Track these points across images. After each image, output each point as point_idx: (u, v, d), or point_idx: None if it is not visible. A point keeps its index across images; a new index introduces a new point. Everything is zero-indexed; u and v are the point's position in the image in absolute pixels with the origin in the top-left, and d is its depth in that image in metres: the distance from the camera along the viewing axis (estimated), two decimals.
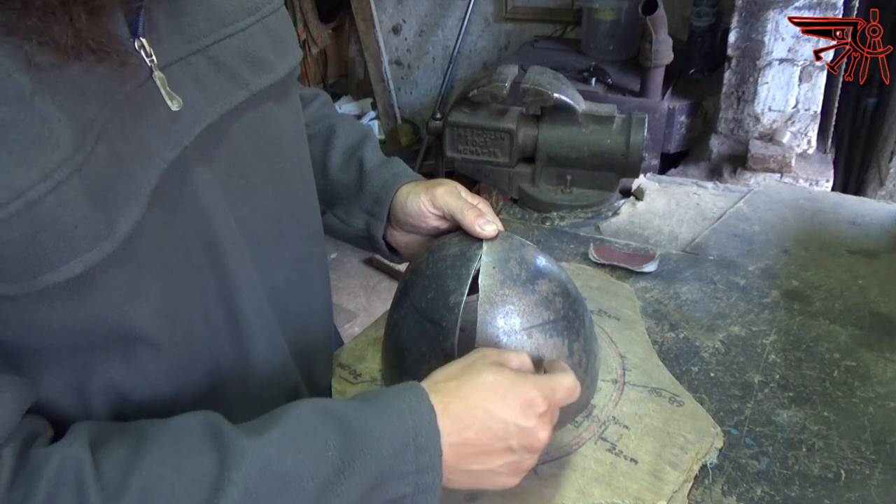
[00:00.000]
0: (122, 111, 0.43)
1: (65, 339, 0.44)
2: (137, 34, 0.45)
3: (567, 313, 0.59)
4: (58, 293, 0.40)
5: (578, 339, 0.60)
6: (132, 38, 0.44)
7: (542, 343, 0.57)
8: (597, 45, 2.16)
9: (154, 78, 0.45)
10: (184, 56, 0.48)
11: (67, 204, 0.39)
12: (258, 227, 0.57)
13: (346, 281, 2.63)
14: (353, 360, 0.72)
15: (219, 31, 0.51)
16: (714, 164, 1.82)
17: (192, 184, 0.49)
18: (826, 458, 0.60)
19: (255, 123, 0.55)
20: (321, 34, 2.80)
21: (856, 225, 0.93)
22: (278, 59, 0.57)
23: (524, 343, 0.57)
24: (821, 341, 0.73)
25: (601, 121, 0.96)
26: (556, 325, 0.58)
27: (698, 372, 0.70)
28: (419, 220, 0.69)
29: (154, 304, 0.46)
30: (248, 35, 0.54)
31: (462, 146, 1.03)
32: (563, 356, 0.58)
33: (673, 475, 0.57)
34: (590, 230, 0.96)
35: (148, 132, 0.45)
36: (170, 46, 0.47)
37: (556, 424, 0.52)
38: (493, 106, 1.01)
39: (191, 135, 0.48)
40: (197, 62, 0.49)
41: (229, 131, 0.53)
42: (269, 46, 0.56)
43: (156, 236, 0.46)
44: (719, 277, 0.84)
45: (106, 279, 0.42)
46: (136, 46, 0.44)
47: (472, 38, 2.75)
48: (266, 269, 0.58)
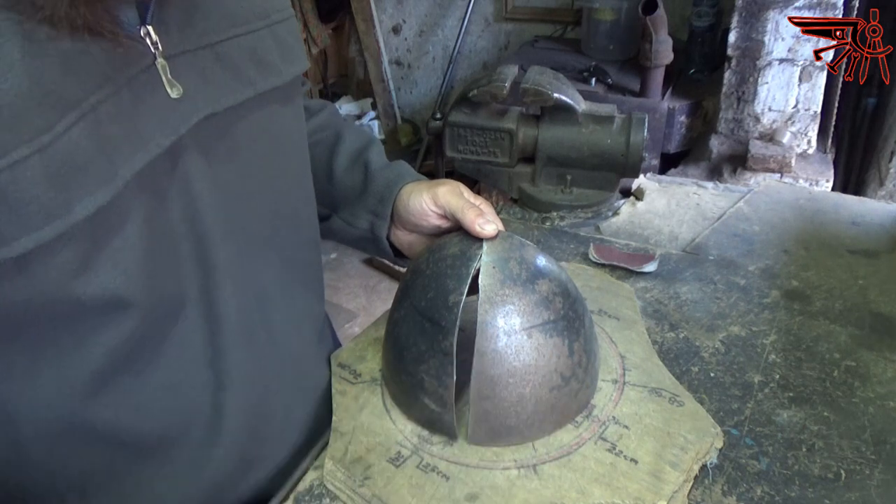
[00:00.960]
0: (121, 94, 0.44)
1: (13, 316, 0.43)
2: (146, 22, 0.46)
3: (567, 313, 0.59)
4: (7, 270, 0.41)
5: (578, 339, 0.60)
6: (139, 26, 0.45)
7: (542, 343, 0.57)
8: (597, 45, 2.16)
9: (157, 65, 0.46)
10: (191, 49, 0.49)
11: (21, 182, 0.39)
12: (249, 224, 0.57)
13: (346, 281, 2.63)
14: (354, 360, 0.72)
15: (228, 30, 0.52)
16: (714, 164, 1.82)
17: (186, 173, 0.50)
18: (826, 458, 0.60)
19: (260, 124, 0.56)
20: (321, 34, 2.80)
21: (856, 225, 0.93)
22: (284, 64, 0.58)
23: (524, 343, 0.57)
24: (821, 341, 0.73)
25: (601, 121, 0.96)
26: (556, 325, 0.58)
27: (698, 372, 0.70)
28: (421, 219, 0.69)
29: (128, 288, 0.46)
30: (256, 37, 0.55)
31: (462, 146, 1.03)
32: (563, 356, 0.58)
33: (673, 475, 0.57)
34: (590, 230, 0.96)
35: (144, 117, 0.46)
36: (178, 38, 0.48)
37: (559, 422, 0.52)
38: (493, 106, 1.01)
39: (188, 123, 0.48)
40: (204, 56, 0.50)
41: (233, 128, 0.53)
42: (276, 51, 0.57)
43: (140, 221, 0.46)
44: (719, 277, 0.84)
45: (59, 258, 0.42)
46: (143, 34, 0.45)
47: (472, 38, 2.75)
48: (253, 268, 0.58)
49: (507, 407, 0.58)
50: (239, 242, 0.56)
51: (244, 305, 0.57)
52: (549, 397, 0.59)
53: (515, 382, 0.58)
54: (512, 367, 0.57)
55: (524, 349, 0.57)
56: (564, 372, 0.59)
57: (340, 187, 0.75)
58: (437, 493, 0.57)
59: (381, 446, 0.61)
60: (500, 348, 0.57)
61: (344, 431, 0.63)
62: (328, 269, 2.70)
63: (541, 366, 0.58)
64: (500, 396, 0.58)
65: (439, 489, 0.57)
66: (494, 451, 0.60)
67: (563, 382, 0.59)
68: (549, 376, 0.58)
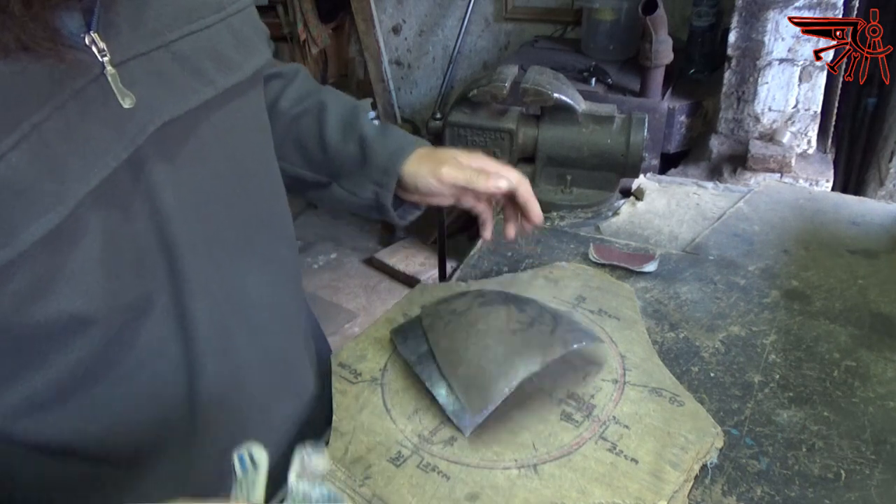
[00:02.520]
0: (67, 109, 0.42)
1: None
2: (90, 29, 0.43)
3: (503, 296, 0.70)
4: None
5: (529, 304, 0.68)
6: (84, 34, 0.42)
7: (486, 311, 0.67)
8: (597, 45, 2.16)
9: (105, 74, 0.44)
10: (145, 51, 0.47)
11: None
12: (224, 228, 0.55)
13: (346, 281, 2.63)
14: (354, 359, 0.72)
15: (183, 27, 0.50)
16: (714, 164, 1.82)
17: (149, 183, 0.48)
18: (826, 458, 0.60)
19: (224, 122, 0.54)
20: (321, 34, 2.80)
21: (856, 225, 0.93)
22: (244, 58, 0.56)
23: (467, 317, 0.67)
24: (821, 341, 0.73)
25: (601, 121, 0.96)
26: (494, 298, 0.68)
27: (698, 372, 0.70)
28: (432, 198, 0.73)
29: (89, 307, 0.45)
30: (213, 32, 0.52)
31: (462, 146, 1.03)
32: (513, 313, 0.66)
33: (673, 475, 0.57)
34: (590, 230, 0.96)
35: (97, 131, 0.43)
36: (130, 41, 0.46)
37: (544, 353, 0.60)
38: (493, 106, 1.01)
39: (145, 132, 0.46)
40: (160, 58, 0.48)
41: (196, 130, 0.51)
42: (235, 46, 0.55)
43: (101, 238, 0.45)
44: (719, 277, 0.84)
45: (11, 286, 0.41)
46: (87, 42, 0.42)
47: (472, 38, 2.75)
48: (230, 272, 0.56)
49: (478, 360, 0.62)
50: (213, 248, 0.54)
51: (220, 312, 0.55)
52: (518, 338, 0.63)
53: (477, 341, 0.64)
54: (464, 333, 0.65)
55: (470, 319, 0.65)
56: (521, 319, 0.65)
57: (337, 158, 0.74)
58: (438, 493, 0.57)
59: (381, 446, 0.61)
60: (449, 330, 0.66)
61: (344, 431, 0.63)
62: (328, 269, 2.70)
63: (492, 323, 0.65)
64: (468, 359, 0.63)
65: (440, 489, 0.57)
66: (495, 450, 0.60)
67: (526, 326, 0.65)
68: (507, 324, 0.65)
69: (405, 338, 0.70)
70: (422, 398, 0.66)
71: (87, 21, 0.43)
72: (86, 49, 0.42)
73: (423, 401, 0.65)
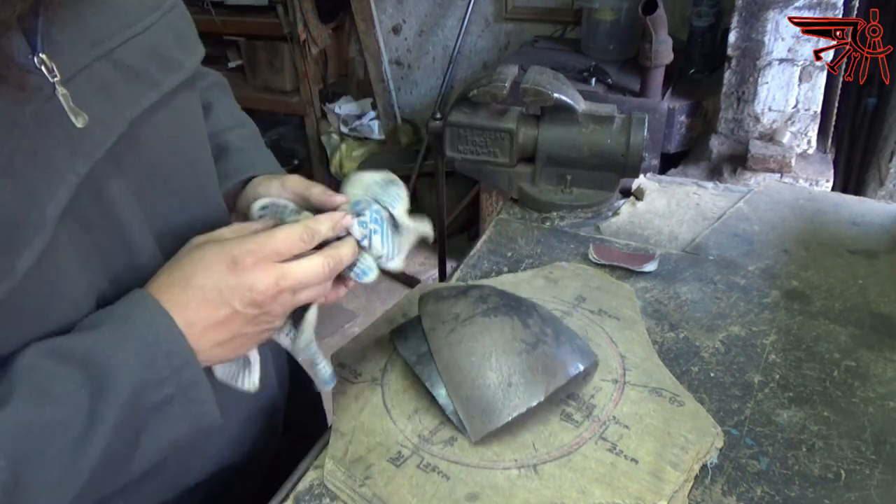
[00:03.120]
0: (29, 134, 0.42)
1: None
2: (37, 50, 0.42)
3: (509, 303, 0.66)
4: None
5: (532, 317, 0.65)
6: (32, 55, 0.42)
7: (489, 323, 0.64)
8: (597, 45, 2.16)
9: (57, 94, 0.43)
10: (88, 64, 0.46)
11: None
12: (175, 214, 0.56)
13: None
14: (354, 359, 0.72)
15: (122, 33, 0.49)
16: (714, 164, 1.82)
17: (108, 197, 0.48)
18: (826, 458, 0.60)
19: (167, 123, 0.54)
20: (321, 34, 2.80)
21: (856, 225, 0.93)
22: (185, 55, 0.56)
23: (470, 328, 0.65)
24: (821, 341, 0.73)
25: (601, 121, 0.96)
26: (496, 310, 0.65)
27: (698, 372, 0.70)
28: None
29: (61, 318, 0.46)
30: (153, 33, 0.52)
31: (462, 146, 1.03)
32: (518, 328, 0.64)
33: (673, 475, 0.57)
34: (590, 230, 0.96)
35: (56, 150, 0.43)
36: (72, 56, 0.45)
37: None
38: (493, 106, 1.00)
39: (101, 148, 0.46)
40: (101, 68, 0.47)
41: (140, 136, 0.51)
42: (175, 43, 0.55)
43: (74, 252, 0.46)
44: (719, 277, 0.84)
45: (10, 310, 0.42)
46: (37, 63, 0.42)
47: (472, 38, 2.75)
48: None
49: (482, 380, 0.61)
50: (164, 240, 0.54)
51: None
52: (522, 360, 0.62)
53: (480, 359, 0.62)
54: (468, 347, 0.63)
55: (473, 331, 0.63)
56: (526, 338, 0.63)
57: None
58: (438, 493, 0.57)
59: (381, 446, 0.61)
60: (451, 340, 0.63)
61: (344, 431, 0.63)
62: None
63: (496, 338, 0.62)
64: (471, 378, 0.61)
65: (440, 489, 0.57)
66: (495, 450, 0.60)
67: (531, 346, 0.63)
68: (510, 344, 0.62)
69: (405, 338, 0.70)
70: (422, 398, 0.66)
71: (32, 42, 0.42)
72: (37, 70, 0.42)
73: (423, 401, 0.65)
